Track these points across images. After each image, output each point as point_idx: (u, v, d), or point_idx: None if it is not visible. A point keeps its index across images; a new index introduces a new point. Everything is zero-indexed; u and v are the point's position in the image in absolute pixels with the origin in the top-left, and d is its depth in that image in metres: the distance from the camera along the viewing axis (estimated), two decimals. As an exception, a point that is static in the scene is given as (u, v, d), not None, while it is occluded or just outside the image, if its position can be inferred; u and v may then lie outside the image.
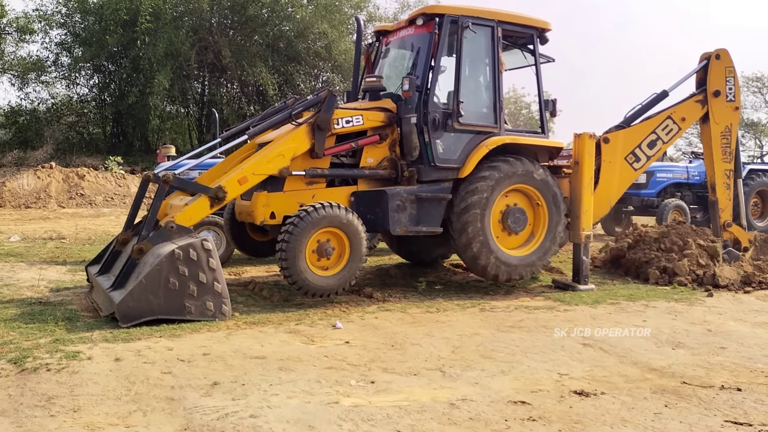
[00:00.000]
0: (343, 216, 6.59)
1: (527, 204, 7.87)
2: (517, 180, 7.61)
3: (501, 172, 7.49)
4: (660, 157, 8.80)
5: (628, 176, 8.73)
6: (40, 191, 19.34)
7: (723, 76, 9.08)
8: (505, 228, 7.70)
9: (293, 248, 6.33)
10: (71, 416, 3.63)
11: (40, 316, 5.87)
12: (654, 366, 4.96)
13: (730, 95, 9.10)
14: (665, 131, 8.84)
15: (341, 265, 6.68)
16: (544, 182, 7.77)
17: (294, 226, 6.36)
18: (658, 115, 8.86)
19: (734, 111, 9.16)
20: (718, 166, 9.26)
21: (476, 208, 7.33)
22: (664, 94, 8.95)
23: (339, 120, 7.11)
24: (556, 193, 7.87)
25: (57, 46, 27.72)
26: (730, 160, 9.27)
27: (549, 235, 7.86)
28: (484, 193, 7.38)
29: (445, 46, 7.52)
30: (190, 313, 5.77)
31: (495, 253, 7.46)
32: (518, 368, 4.80)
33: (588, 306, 7.05)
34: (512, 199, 7.75)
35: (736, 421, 3.87)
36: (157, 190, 6.40)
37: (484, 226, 7.38)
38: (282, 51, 27.31)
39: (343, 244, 6.69)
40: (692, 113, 9.07)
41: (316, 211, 6.44)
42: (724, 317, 6.68)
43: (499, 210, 7.65)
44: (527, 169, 7.66)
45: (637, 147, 8.70)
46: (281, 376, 4.43)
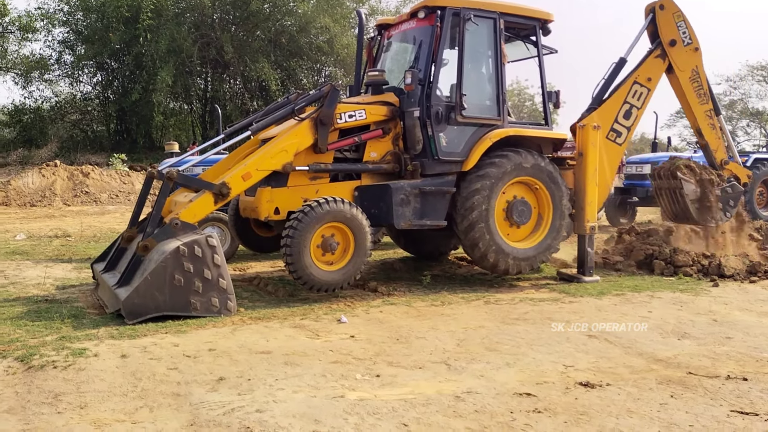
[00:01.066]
0: (347, 211, 6.59)
1: (531, 196, 7.85)
2: (520, 172, 7.59)
3: (505, 164, 7.47)
4: (638, 124, 8.76)
5: (615, 154, 8.69)
6: (45, 189, 19.40)
7: (673, 23, 8.96)
8: (510, 220, 7.68)
9: (298, 243, 6.33)
10: (78, 413, 3.65)
11: (46, 314, 5.91)
12: (659, 357, 4.95)
13: (686, 39, 9.01)
14: (636, 97, 8.78)
15: (346, 259, 6.69)
16: (548, 174, 7.75)
17: (298, 222, 6.36)
18: (623, 84, 8.78)
19: (695, 53, 9.08)
20: (697, 111, 9.26)
21: (480, 201, 7.32)
22: (623, 61, 8.86)
23: (342, 115, 7.11)
24: (560, 185, 7.84)
25: (60, 44, 27.85)
26: (707, 100, 9.26)
27: (553, 227, 7.85)
28: (487, 186, 7.36)
29: (447, 39, 7.50)
30: (195, 309, 5.79)
31: (499, 245, 7.45)
32: (523, 360, 4.80)
33: (593, 297, 7.05)
34: (516, 192, 7.73)
35: (742, 411, 3.86)
36: (161, 187, 6.41)
37: (488, 218, 7.37)
38: (284, 46, 27.31)
39: (347, 239, 6.69)
40: (655, 70, 8.99)
41: (320, 206, 6.44)
42: (729, 307, 6.66)
43: (503, 203, 7.63)
44: (531, 161, 7.64)
45: (614, 122, 8.66)
46: (287, 371, 4.44)
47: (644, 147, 35.13)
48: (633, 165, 15.26)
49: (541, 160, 7.74)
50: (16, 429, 3.43)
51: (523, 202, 7.73)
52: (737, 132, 41.35)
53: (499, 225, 7.54)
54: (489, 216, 7.37)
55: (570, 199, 7.98)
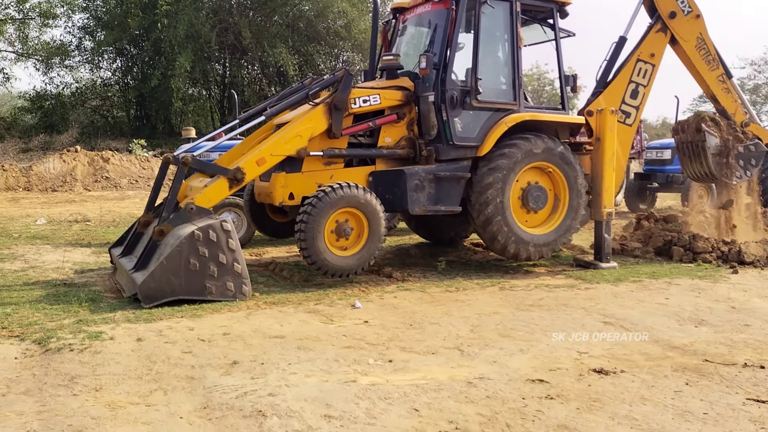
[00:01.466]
0: (361, 196, 6.58)
1: (548, 182, 7.78)
2: (537, 158, 7.52)
3: (521, 149, 7.40)
4: (646, 102, 8.63)
5: (626, 135, 8.58)
6: (66, 175, 19.62)
7: None
8: (525, 206, 7.62)
9: (312, 229, 6.34)
10: (93, 395, 3.70)
11: (64, 298, 5.99)
12: (676, 344, 4.90)
13: (686, 8, 8.79)
14: (641, 75, 8.63)
15: (360, 245, 6.69)
16: (564, 159, 7.67)
17: (312, 207, 6.37)
18: (627, 63, 8.63)
19: (697, 20, 8.87)
20: (708, 77, 9.10)
21: (495, 187, 7.26)
22: (623, 40, 8.69)
23: (356, 99, 7.07)
24: (577, 171, 7.76)
25: (80, 30, 27.99)
26: (717, 65, 9.07)
27: (570, 213, 7.77)
28: (503, 171, 7.30)
29: (462, 23, 7.41)
30: (210, 293, 5.84)
31: (515, 231, 7.40)
32: (537, 347, 4.78)
33: (610, 284, 6.99)
34: (532, 177, 7.66)
35: (758, 399, 3.81)
36: (177, 172, 6.45)
37: (503, 204, 7.32)
38: (302, 31, 27.20)
39: (361, 224, 6.69)
40: (658, 45, 8.80)
41: (334, 191, 6.44)
42: (748, 294, 6.57)
43: (518, 188, 7.57)
44: (547, 146, 7.56)
45: (621, 104, 8.54)
46: (300, 355, 4.46)
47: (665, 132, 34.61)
48: (653, 150, 15.08)
49: (552, 142, 7.63)
50: (32, 410, 3.49)
51: (539, 187, 7.66)
52: (761, 116, 40.54)
53: (514, 211, 7.48)
54: (504, 201, 7.31)
55: (587, 184, 7.89)
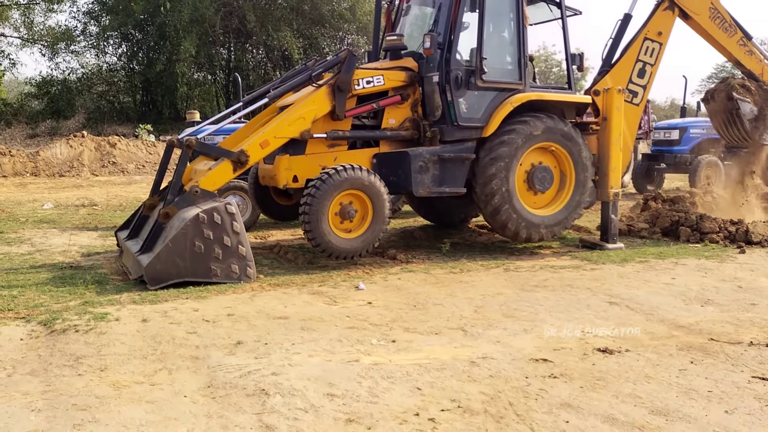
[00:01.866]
0: (365, 178, 6.56)
1: (553, 162, 7.73)
2: (542, 138, 7.46)
3: (526, 130, 7.34)
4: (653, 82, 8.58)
5: (633, 115, 8.52)
6: (73, 160, 19.69)
7: None
8: (531, 187, 7.57)
9: (316, 211, 6.34)
10: (98, 375, 3.73)
11: (70, 280, 6.02)
12: (681, 323, 4.88)
13: None
14: (648, 54, 8.54)
15: (364, 227, 6.68)
16: (570, 140, 7.61)
17: (316, 189, 6.36)
18: (634, 42, 8.53)
19: None
20: (729, 44, 9.02)
21: (500, 168, 7.22)
22: (628, 17, 8.60)
23: (359, 81, 7.03)
24: (583, 151, 7.70)
25: (85, 15, 27.98)
26: (735, 30, 8.97)
27: (576, 193, 7.73)
28: (508, 152, 7.25)
29: (467, 2, 7.32)
30: (215, 275, 5.85)
31: (520, 212, 7.37)
32: (541, 327, 4.77)
33: (616, 265, 6.95)
34: (538, 158, 7.61)
35: (763, 377, 3.79)
36: (181, 155, 6.45)
37: (508, 185, 7.28)
38: (306, 14, 27.06)
39: (365, 207, 6.67)
40: (666, 23, 8.69)
41: (338, 173, 6.42)
42: (756, 274, 6.53)
43: (524, 169, 7.52)
44: (553, 126, 7.50)
45: (629, 83, 8.47)
46: (303, 336, 4.47)
47: (674, 113, 34.33)
48: (661, 131, 14.96)
49: (564, 125, 7.58)
50: (38, 390, 3.51)
51: (545, 168, 7.61)
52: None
53: (519, 192, 7.43)
54: (509, 182, 7.26)
55: (593, 164, 7.84)
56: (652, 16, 8.66)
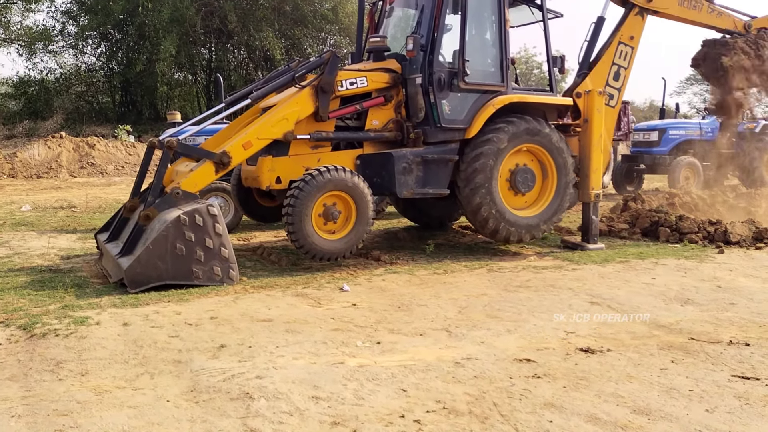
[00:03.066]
0: (348, 179, 6.55)
1: (536, 164, 7.78)
2: (525, 139, 7.51)
3: (508, 131, 7.39)
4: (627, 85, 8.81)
5: (610, 117, 8.68)
6: (51, 161, 19.43)
7: None
8: (514, 188, 7.62)
9: (299, 212, 6.32)
10: (79, 380, 3.68)
11: (49, 283, 5.95)
12: (662, 323, 4.93)
13: None
14: (622, 58, 8.76)
15: (348, 228, 6.68)
16: (552, 141, 7.66)
17: (299, 190, 6.34)
18: (609, 46, 8.71)
19: None
20: (700, 17, 9.45)
21: (483, 169, 7.25)
22: (601, 20, 8.74)
23: (343, 82, 7.02)
24: (565, 152, 7.76)
25: (63, 14, 27.58)
26: (701, 3, 9.32)
27: (558, 194, 7.79)
28: (491, 153, 7.29)
29: (449, 4, 7.34)
30: (197, 278, 5.81)
31: (503, 213, 7.41)
32: (524, 327, 4.80)
33: (597, 265, 7.02)
34: (520, 159, 7.66)
35: (743, 376, 3.84)
36: (162, 157, 6.39)
37: (491, 186, 7.31)
38: (288, 14, 26.96)
39: (349, 208, 6.66)
40: (636, 27, 8.89)
41: (321, 174, 6.41)
42: (734, 273, 6.62)
43: (507, 170, 7.57)
44: (535, 128, 7.55)
45: (606, 85, 8.64)
46: (288, 338, 4.46)
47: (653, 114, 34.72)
48: (641, 132, 15.12)
49: (542, 125, 7.64)
50: (17, 395, 3.46)
51: (528, 169, 7.66)
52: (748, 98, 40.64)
53: (502, 193, 7.49)
54: (492, 183, 7.31)
55: (575, 166, 7.91)
56: (624, 21, 8.83)
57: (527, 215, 7.68)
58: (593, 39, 8.69)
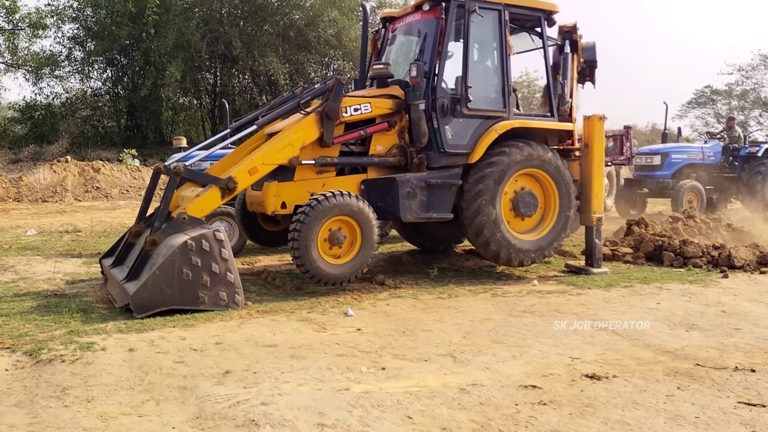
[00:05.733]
0: (353, 204, 6.59)
1: (538, 188, 7.83)
2: (527, 164, 7.56)
3: (511, 156, 7.45)
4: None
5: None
6: (57, 185, 19.54)
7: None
8: (516, 212, 7.66)
9: (305, 237, 6.35)
10: (85, 406, 3.69)
11: (55, 309, 5.96)
12: (667, 348, 4.93)
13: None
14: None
15: (353, 253, 6.70)
16: (554, 166, 7.72)
17: (305, 215, 6.38)
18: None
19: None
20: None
21: (486, 194, 7.30)
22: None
23: (347, 108, 7.10)
24: (567, 177, 7.81)
25: (70, 40, 27.93)
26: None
27: (560, 218, 7.82)
28: (494, 178, 7.34)
29: (452, 31, 7.46)
30: (203, 303, 5.82)
31: (506, 237, 7.44)
32: (530, 353, 4.80)
33: (601, 289, 7.02)
34: (522, 184, 7.71)
35: (749, 403, 3.84)
36: (168, 182, 6.44)
37: (494, 211, 7.36)
38: (292, 40, 27.29)
39: (354, 232, 6.70)
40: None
41: (326, 199, 6.45)
42: (739, 298, 6.62)
43: (509, 195, 7.62)
44: (537, 153, 7.61)
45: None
46: (293, 364, 4.46)
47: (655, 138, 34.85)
48: (643, 156, 15.17)
49: (547, 151, 7.71)
50: (23, 422, 3.47)
51: (530, 194, 7.70)
52: (749, 122, 40.90)
53: (505, 217, 7.54)
54: (495, 208, 7.35)
55: (576, 190, 7.95)
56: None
57: (530, 239, 7.70)
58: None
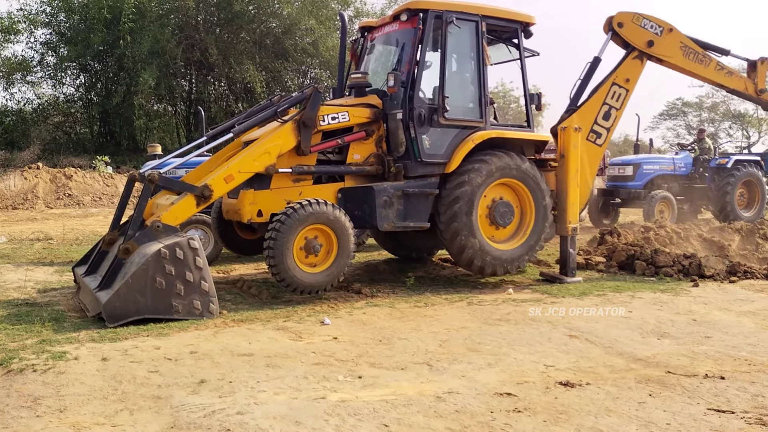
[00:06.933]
0: (330, 213, 6.59)
1: (514, 198, 7.90)
2: (503, 174, 7.64)
3: (487, 166, 7.52)
4: (617, 125, 8.79)
5: (595, 155, 8.69)
6: (28, 192, 19.22)
7: (638, 28, 8.82)
8: (492, 222, 7.73)
9: (281, 245, 6.33)
10: (57, 416, 3.63)
11: (26, 317, 5.86)
12: (639, 356, 5.00)
13: (658, 30, 8.87)
14: (614, 98, 8.74)
15: (329, 261, 6.70)
16: (530, 176, 7.81)
17: (281, 224, 6.36)
18: (602, 86, 8.72)
19: (671, 33, 8.94)
20: (707, 73, 9.27)
21: (463, 203, 7.36)
22: (597, 60, 8.76)
23: (325, 117, 7.12)
24: (542, 187, 7.91)
25: (42, 45, 27.57)
26: (709, 59, 9.23)
27: (536, 228, 7.90)
28: (470, 187, 7.40)
29: (429, 42, 7.53)
30: (177, 312, 5.77)
31: (482, 247, 7.50)
32: (505, 360, 4.84)
33: (575, 298, 7.10)
34: (499, 193, 7.78)
35: (719, 409, 3.91)
36: (143, 190, 6.38)
37: (471, 220, 7.41)
38: (269, 48, 27.26)
39: (330, 241, 6.70)
40: (634, 71, 8.90)
41: (303, 208, 6.44)
42: (709, 307, 6.74)
43: (485, 204, 7.68)
44: (513, 163, 7.69)
45: (594, 124, 8.63)
46: (268, 373, 4.44)
47: (627, 149, 35.42)
48: (615, 167, 15.41)
49: (523, 161, 7.80)
50: (-7, 433, 3.41)
51: (506, 203, 7.78)
52: (719, 134, 41.79)
53: (482, 226, 7.59)
54: (471, 217, 7.41)
55: (552, 200, 8.04)
56: (622, 63, 8.83)
57: (506, 248, 7.77)
58: (587, 78, 8.73)
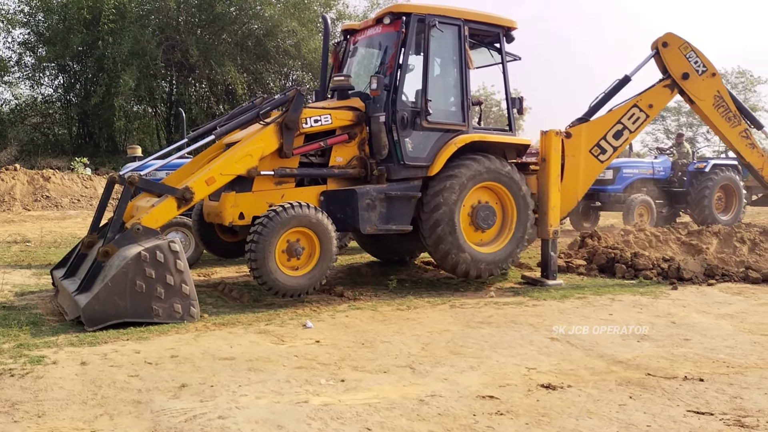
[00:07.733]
0: (312, 215, 6.58)
1: (496, 201, 7.94)
2: (485, 177, 7.68)
3: (469, 169, 7.55)
4: (627, 146, 8.77)
5: (593, 169, 8.71)
6: (4, 194, 18.92)
7: (681, 56, 8.83)
8: (474, 225, 7.76)
9: (263, 248, 6.30)
10: (35, 422, 3.57)
11: (3, 321, 5.76)
12: (619, 359, 5.05)
13: (700, 68, 8.85)
14: (632, 120, 8.67)
15: (311, 264, 6.67)
16: (511, 179, 7.85)
17: (263, 227, 6.33)
18: (623, 104, 8.70)
19: (712, 78, 8.91)
20: (730, 134, 9.11)
21: (445, 206, 7.38)
22: (627, 79, 8.80)
23: (307, 119, 7.10)
24: (524, 190, 7.96)
25: (20, 45, 27.25)
26: (738, 121, 9.06)
27: (517, 231, 7.95)
28: (452, 190, 7.43)
29: (412, 45, 7.55)
30: (157, 315, 5.71)
31: (464, 250, 7.52)
32: (487, 363, 4.85)
33: (556, 301, 7.15)
34: (481, 196, 7.81)
35: (698, 411, 3.95)
36: (123, 192, 6.31)
37: (453, 223, 7.43)
38: (251, 49, 27.16)
39: (313, 244, 6.67)
40: (660, 99, 8.85)
41: (285, 210, 6.42)
42: (687, 309, 6.82)
43: (468, 207, 7.71)
44: (495, 166, 7.73)
45: (602, 139, 8.63)
46: (250, 377, 4.41)
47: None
48: (596, 170, 15.52)
49: (505, 165, 7.84)
50: (-31, 440, 3.34)
51: (488, 206, 7.81)
52: (698, 138, 42.35)
53: (464, 229, 7.62)
54: (454, 220, 7.43)
55: (533, 203, 8.09)
56: (652, 88, 8.80)
57: (488, 251, 7.80)
58: (610, 94, 8.72)
